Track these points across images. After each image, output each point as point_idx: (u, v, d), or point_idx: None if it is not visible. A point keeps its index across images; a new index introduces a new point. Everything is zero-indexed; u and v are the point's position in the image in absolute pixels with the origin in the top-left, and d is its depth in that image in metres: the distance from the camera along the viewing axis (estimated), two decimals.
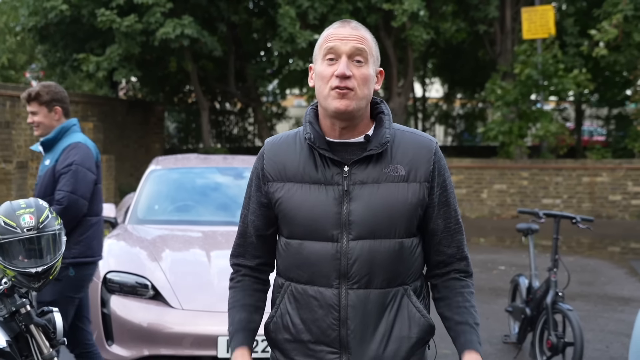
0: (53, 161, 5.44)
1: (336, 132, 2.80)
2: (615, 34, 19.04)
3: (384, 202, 2.76)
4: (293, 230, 2.80)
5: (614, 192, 19.74)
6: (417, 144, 2.84)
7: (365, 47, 2.77)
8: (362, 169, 2.78)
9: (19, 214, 4.09)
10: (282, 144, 2.88)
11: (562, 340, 6.87)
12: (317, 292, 2.76)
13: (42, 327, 4.21)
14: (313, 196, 2.77)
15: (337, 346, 2.77)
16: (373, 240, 2.75)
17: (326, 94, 2.75)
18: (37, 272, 4.03)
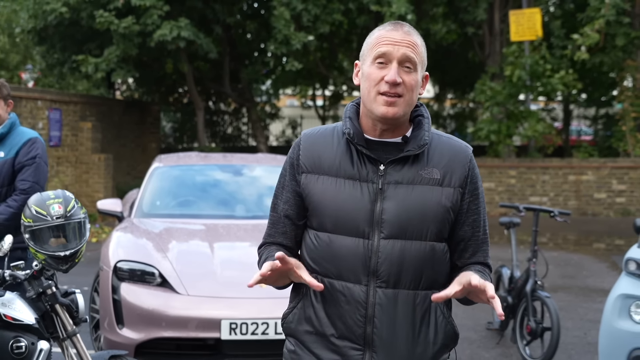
0: (11, 154, 5.71)
1: (376, 132, 2.81)
2: (597, 38, 19.56)
3: (418, 203, 2.76)
4: (323, 223, 2.80)
5: (599, 190, 20.23)
6: (453, 149, 2.85)
7: (416, 53, 2.76)
8: (398, 169, 2.78)
9: (49, 203, 4.56)
10: (320, 136, 2.89)
11: (541, 326, 7.38)
12: (345, 288, 2.76)
13: (66, 307, 4.67)
14: (347, 191, 2.77)
15: (362, 343, 2.77)
16: (404, 240, 2.75)
17: (373, 98, 2.75)
18: (65, 255, 4.51)
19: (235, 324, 6.14)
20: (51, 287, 4.62)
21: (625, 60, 21.01)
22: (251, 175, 8.53)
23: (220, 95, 25.63)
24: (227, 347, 6.21)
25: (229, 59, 22.47)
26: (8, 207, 5.63)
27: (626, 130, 20.72)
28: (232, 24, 21.26)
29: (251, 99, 24.33)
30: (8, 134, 5.81)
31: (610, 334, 6.08)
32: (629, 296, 6.00)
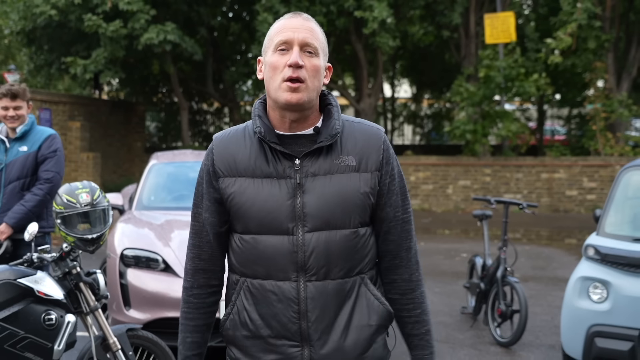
0: (34, 148, 6.44)
1: (286, 124, 2.79)
2: (570, 42, 20.30)
3: (337, 192, 2.75)
4: (247, 225, 2.77)
5: (570, 188, 20.96)
6: (366, 134, 2.85)
7: (316, 38, 2.78)
8: (314, 161, 2.77)
9: (78, 192, 5.18)
10: (231, 138, 2.86)
11: (510, 309, 8.06)
12: (275, 287, 2.75)
13: (89, 285, 5.29)
14: (266, 190, 2.75)
15: (299, 339, 2.77)
16: (328, 231, 2.75)
17: (277, 86, 2.74)
18: (92, 238, 5.13)
19: None
20: (75, 268, 5.24)
21: (596, 62, 21.77)
22: None
23: (203, 96, 26.17)
24: None
25: (212, 60, 23.02)
26: (34, 196, 6.30)
27: (597, 130, 21.46)
28: (216, 27, 21.82)
29: (234, 99, 24.90)
30: (29, 131, 6.48)
31: (571, 313, 6.75)
32: (587, 278, 6.67)
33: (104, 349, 5.31)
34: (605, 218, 7.01)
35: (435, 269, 12.33)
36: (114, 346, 5.28)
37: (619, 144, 21.43)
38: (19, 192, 6.42)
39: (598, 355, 6.48)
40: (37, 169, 6.43)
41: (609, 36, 21.46)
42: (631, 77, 23.06)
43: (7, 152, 6.47)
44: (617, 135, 21.81)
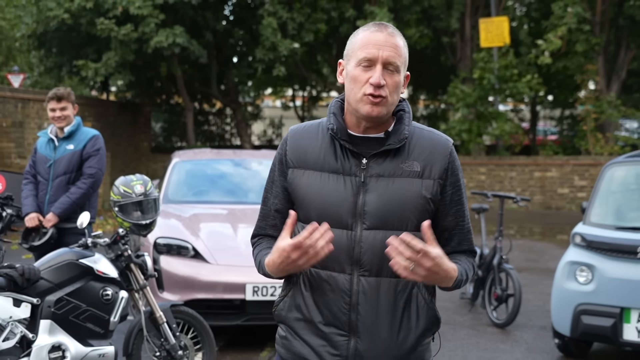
0: (79, 146, 7.21)
1: (360, 128, 2.88)
2: (559, 44, 21.10)
3: (398, 195, 2.82)
4: (309, 215, 2.86)
5: (562, 186, 21.75)
6: (434, 142, 2.91)
7: (399, 55, 2.82)
8: (380, 162, 2.84)
9: (133, 184, 5.94)
10: (305, 132, 2.96)
11: (505, 293, 8.83)
12: (330, 277, 2.83)
13: (138, 265, 6.04)
14: (331, 185, 2.84)
15: (347, 329, 2.84)
16: (386, 231, 2.80)
17: (359, 98, 2.81)
18: (146, 223, 5.89)
19: (257, 287, 7.53)
20: (127, 250, 5.99)
21: (587, 65, 22.56)
22: (258, 167, 9.92)
23: (206, 97, 26.90)
24: (250, 306, 7.59)
25: (215, 63, 23.77)
26: (79, 189, 7.06)
27: (587, 130, 22.24)
28: (221, 31, 22.58)
29: (236, 100, 25.65)
30: (76, 132, 7.24)
31: (560, 293, 7.54)
32: (575, 262, 7.46)
33: (152, 322, 6.06)
34: (591, 209, 7.79)
35: None
36: (160, 319, 6.03)
37: (608, 144, 22.19)
38: (65, 186, 7.16)
39: (584, 331, 7.28)
40: (82, 165, 7.18)
41: (598, 40, 22.24)
42: (620, 79, 23.88)
43: (55, 150, 7.22)
44: (607, 135, 22.57)
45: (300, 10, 20.97)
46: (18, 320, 5.39)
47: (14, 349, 5.34)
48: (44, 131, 7.41)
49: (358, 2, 22.28)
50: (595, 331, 7.23)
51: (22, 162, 16.36)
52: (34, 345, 5.39)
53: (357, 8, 21.97)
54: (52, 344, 5.45)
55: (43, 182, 7.19)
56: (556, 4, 21.78)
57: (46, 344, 5.42)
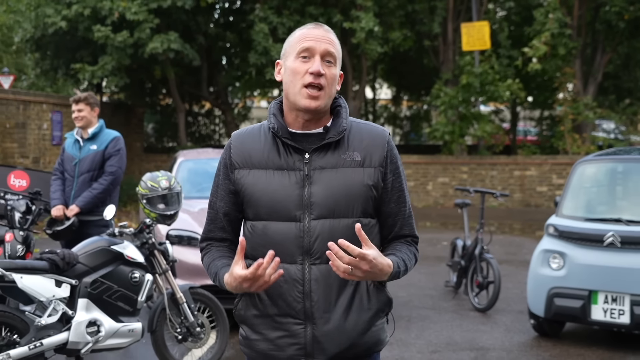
0: (101, 147, 7.96)
1: (299, 123, 2.99)
2: (545, 49, 21.97)
3: (342, 184, 2.93)
4: (258, 212, 2.97)
5: (540, 184, 22.60)
6: (371, 133, 3.04)
7: (335, 50, 2.98)
8: (322, 155, 2.96)
9: (159, 179, 6.70)
10: (248, 135, 3.05)
11: (486, 280, 9.64)
12: (282, 269, 2.88)
13: (161, 252, 6.81)
14: (277, 180, 2.94)
15: (302, 317, 2.94)
16: (333, 219, 2.92)
17: (298, 90, 2.92)
18: (170, 214, 6.66)
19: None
20: (151, 239, 6.75)
21: (565, 68, 23.44)
22: None
23: (196, 98, 27.61)
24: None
25: (206, 66, 24.51)
26: (100, 185, 7.81)
27: (565, 131, 23.12)
28: (213, 35, 23.34)
29: (226, 101, 26.40)
30: (99, 133, 7.99)
31: (535, 278, 8.36)
32: (548, 250, 8.29)
33: (173, 302, 6.82)
34: (563, 203, 8.63)
35: (420, 255, 13.83)
36: (181, 300, 6.80)
37: (585, 144, 23.06)
38: (88, 182, 7.92)
39: (556, 312, 8.11)
40: (104, 164, 7.93)
41: (576, 43, 23.12)
42: (597, 81, 24.76)
43: (80, 149, 7.97)
44: (584, 135, 23.45)
45: (290, 17, 21.77)
46: (59, 299, 6.16)
47: (56, 324, 6.12)
48: (70, 132, 8.18)
49: (344, 7, 23.10)
50: (566, 312, 8.05)
51: (25, 162, 17.06)
52: (73, 321, 6.16)
53: (343, 13, 22.76)
54: (88, 319, 6.21)
55: (69, 178, 7.95)
56: (537, 10, 22.66)
57: (84, 320, 6.19)
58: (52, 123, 19.33)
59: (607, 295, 7.79)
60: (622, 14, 22.94)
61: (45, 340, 6.00)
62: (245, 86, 27.10)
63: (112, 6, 19.88)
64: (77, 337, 6.15)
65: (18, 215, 7.60)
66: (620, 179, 8.78)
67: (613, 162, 8.88)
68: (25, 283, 6.01)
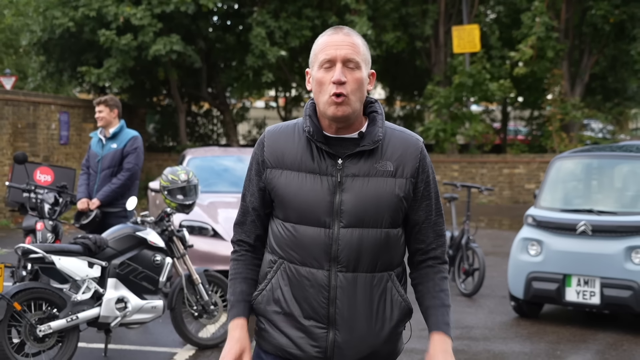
0: (121, 145, 8.77)
1: (333, 128, 2.97)
2: (531, 53, 22.81)
3: (373, 194, 2.93)
4: (288, 214, 2.98)
5: (529, 182, 23.40)
6: (405, 142, 3.00)
7: (357, 52, 2.93)
8: (355, 162, 2.94)
9: (178, 173, 7.53)
10: (282, 133, 3.04)
11: (472, 267, 10.48)
12: (309, 273, 2.93)
13: (179, 238, 7.64)
14: (309, 185, 2.93)
15: (326, 322, 2.95)
16: (362, 229, 2.92)
17: (325, 100, 2.91)
18: (189, 204, 7.49)
19: None
20: (170, 226, 7.58)
21: (554, 69, 24.28)
22: None
23: (195, 99, 28.41)
24: None
25: (206, 67, 25.32)
26: (119, 180, 8.61)
27: (552, 130, 23.96)
28: (213, 38, 24.18)
29: (224, 102, 27.23)
30: (119, 133, 8.80)
31: (515, 264, 9.20)
32: (527, 239, 9.13)
33: (190, 283, 7.65)
34: (541, 195, 9.48)
35: None
36: (197, 281, 7.62)
37: (572, 143, 23.89)
38: (109, 178, 8.72)
39: (534, 294, 8.96)
40: (123, 161, 8.74)
41: (563, 46, 23.96)
42: (584, 82, 25.63)
43: (103, 148, 8.79)
44: (571, 135, 24.29)
45: (287, 19, 22.62)
46: (92, 278, 6.99)
47: (89, 300, 6.95)
48: (95, 132, 8.99)
49: (339, 11, 23.94)
50: (543, 294, 8.91)
51: (36, 161, 17.84)
52: (103, 298, 6.99)
53: (339, 16, 23.60)
54: (117, 297, 7.04)
55: (93, 174, 8.77)
56: (525, 14, 23.48)
57: (113, 297, 7.02)
58: (60, 123, 20.13)
59: (579, 278, 8.64)
60: (607, 17, 23.78)
61: (80, 314, 6.82)
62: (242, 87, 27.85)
63: (117, 11, 20.70)
64: (107, 312, 6.98)
65: (47, 207, 8.43)
66: (593, 173, 9.62)
67: (586, 158, 9.73)
68: (62, 264, 6.84)
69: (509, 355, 7.81)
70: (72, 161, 20.55)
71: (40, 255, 6.76)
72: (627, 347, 8.09)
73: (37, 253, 6.76)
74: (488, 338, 8.42)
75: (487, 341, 8.29)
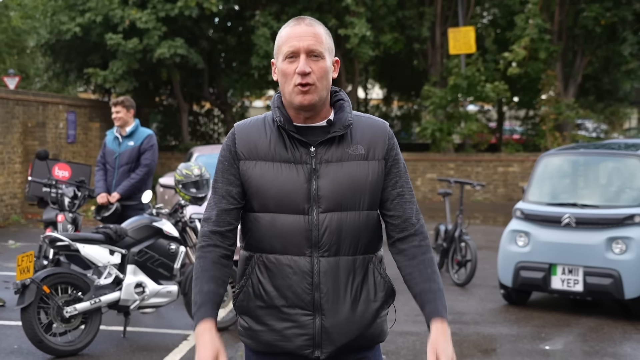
0: (137, 143, 9.37)
1: (301, 118, 3.00)
2: (524, 54, 23.42)
3: (348, 178, 2.96)
4: (265, 204, 2.97)
5: (523, 180, 23.98)
6: (373, 126, 3.07)
7: (320, 42, 2.94)
8: (327, 149, 2.98)
9: (192, 168, 8.14)
10: (252, 126, 3.05)
11: (465, 258, 11.08)
12: (291, 261, 2.95)
13: (192, 228, 8.25)
14: (284, 174, 2.95)
15: (311, 308, 2.97)
16: (340, 212, 2.96)
17: (290, 90, 2.94)
18: (202, 196, 8.09)
19: None
20: (184, 217, 8.20)
21: (548, 70, 24.89)
22: None
23: (197, 99, 29.03)
24: None
25: (207, 68, 25.94)
26: (136, 175, 9.22)
27: (546, 130, 24.59)
28: (215, 39, 24.81)
29: (225, 102, 27.85)
30: (135, 131, 9.41)
31: (504, 255, 9.82)
32: (515, 230, 9.75)
33: None
34: (529, 190, 10.09)
35: None
36: None
37: (565, 142, 24.49)
38: (127, 173, 9.32)
39: (522, 282, 9.57)
40: (140, 157, 9.34)
41: (556, 47, 24.58)
42: (577, 83, 26.25)
43: (120, 145, 9.40)
44: (564, 134, 24.90)
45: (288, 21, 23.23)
46: (113, 265, 7.61)
47: (111, 285, 7.57)
48: (111, 130, 9.60)
49: (339, 13, 24.55)
50: (530, 282, 9.52)
51: None
52: (123, 283, 7.60)
53: (338, 18, 24.21)
54: (136, 282, 7.66)
55: (110, 170, 9.37)
56: (518, 16, 24.09)
57: (132, 282, 7.64)
58: (67, 122, 20.73)
59: (564, 267, 9.25)
60: (598, 19, 24.39)
61: (102, 297, 7.44)
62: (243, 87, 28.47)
63: (123, 14, 21.32)
64: (127, 295, 7.60)
65: (67, 200, 9.06)
66: (577, 169, 10.22)
67: (572, 155, 10.35)
68: (86, 251, 7.46)
69: (497, 337, 8.43)
70: (78, 159, 21.11)
71: (66, 243, 7.39)
72: (607, 331, 8.71)
73: (64, 241, 7.38)
74: (478, 322, 9.03)
75: (478, 325, 8.91)
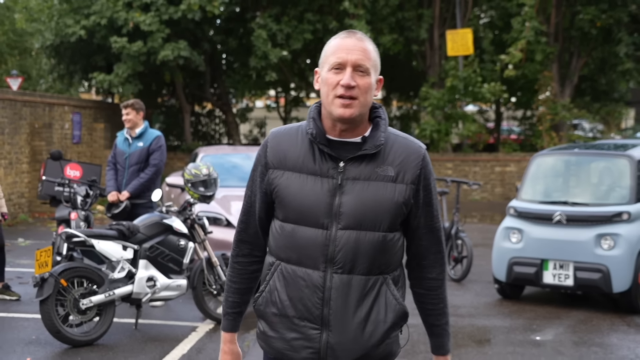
0: (146, 144, 9.77)
1: (336, 131, 2.98)
2: (520, 56, 23.83)
3: (373, 198, 2.94)
4: (287, 214, 3.00)
5: (520, 179, 24.22)
6: (407, 148, 3.01)
7: (368, 58, 2.95)
8: (356, 166, 2.95)
9: (200, 168, 8.54)
10: (285, 135, 3.07)
11: (461, 255, 11.49)
12: (305, 274, 2.96)
13: (200, 225, 8.66)
14: (309, 186, 2.96)
15: (319, 323, 2.97)
16: (359, 231, 2.94)
17: (331, 100, 2.93)
18: (210, 195, 8.50)
19: None
20: (192, 214, 8.60)
21: (544, 72, 25.28)
22: None
23: (199, 99, 29.43)
24: None
25: (209, 69, 26.35)
26: (145, 174, 9.62)
27: (543, 130, 24.98)
28: (217, 41, 25.24)
29: (227, 102, 28.26)
30: (144, 133, 9.81)
31: (498, 251, 10.23)
32: (509, 227, 10.16)
33: (209, 265, 8.66)
34: (522, 189, 10.50)
35: None
36: (215, 263, 8.63)
37: (561, 142, 24.88)
38: (136, 173, 9.73)
39: (515, 277, 9.98)
40: (149, 157, 9.75)
41: (553, 49, 24.96)
42: (573, 84, 26.62)
43: (130, 146, 9.80)
44: (560, 134, 25.28)
45: (288, 23, 23.67)
46: (125, 259, 8.02)
47: (124, 278, 7.98)
48: (121, 132, 10.01)
49: (339, 15, 24.96)
50: (523, 277, 9.93)
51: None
52: (136, 277, 8.01)
53: (338, 20, 24.61)
54: (147, 276, 8.07)
55: (121, 170, 9.78)
56: (515, 19, 24.48)
57: (144, 276, 8.05)
58: (73, 123, 21.13)
59: (555, 263, 9.66)
60: (594, 21, 24.79)
61: (116, 290, 7.85)
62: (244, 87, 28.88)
63: (127, 17, 21.73)
64: (139, 289, 8.01)
65: (80, 199, 9.47)
66: (568, 169, 10.64)
67: (564, 155, 10.76)
68: (101, 247, 7.88)
69: (491, 328, 8.85)
70: (83, 159, 21.47)
71: (82, 239, 7.80)
72: (595, 323, 9.13)
73: (80, 237, 7.80)
74: (473, 315, 9.45)
75: (472, 317, 9.33)
